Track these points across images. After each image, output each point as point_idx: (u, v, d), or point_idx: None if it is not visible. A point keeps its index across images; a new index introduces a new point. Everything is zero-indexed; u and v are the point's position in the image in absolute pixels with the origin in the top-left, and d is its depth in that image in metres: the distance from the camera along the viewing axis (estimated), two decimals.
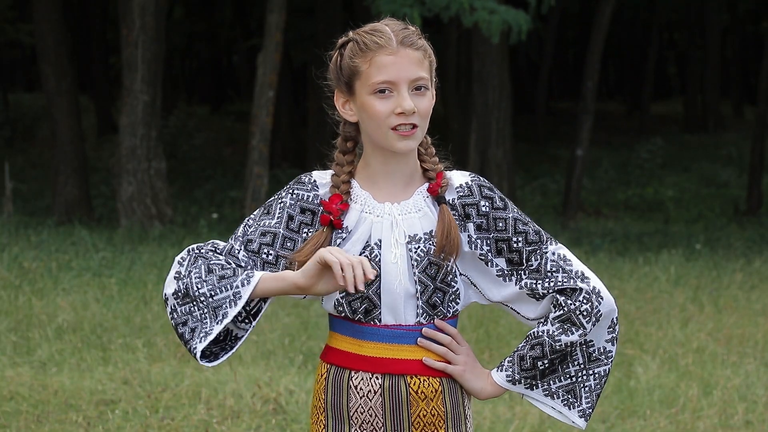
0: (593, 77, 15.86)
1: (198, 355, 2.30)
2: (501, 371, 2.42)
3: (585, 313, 2.37)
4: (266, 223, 2.40)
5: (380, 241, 2.37)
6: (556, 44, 28.43)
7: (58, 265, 9.74)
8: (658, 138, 22.67)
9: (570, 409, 2.42)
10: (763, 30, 27.97)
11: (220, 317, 2.28)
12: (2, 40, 24.76)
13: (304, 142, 19.96)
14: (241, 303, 2.27)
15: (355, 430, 2.39)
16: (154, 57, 13.36)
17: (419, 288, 2.35)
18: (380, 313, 2.36)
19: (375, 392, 2.37)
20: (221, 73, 34.05)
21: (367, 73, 2.34)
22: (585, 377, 2.41)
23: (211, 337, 2.28)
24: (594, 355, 2.41)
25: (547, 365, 2.39)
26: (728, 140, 24.51)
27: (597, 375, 2.42)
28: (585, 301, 2.37)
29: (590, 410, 2.43)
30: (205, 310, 2.31)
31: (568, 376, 2.41)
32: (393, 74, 2.32)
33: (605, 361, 2.42)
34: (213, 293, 2.29)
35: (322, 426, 2.43)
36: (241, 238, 2.39)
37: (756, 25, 30.44)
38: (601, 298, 2.39)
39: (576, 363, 2.41)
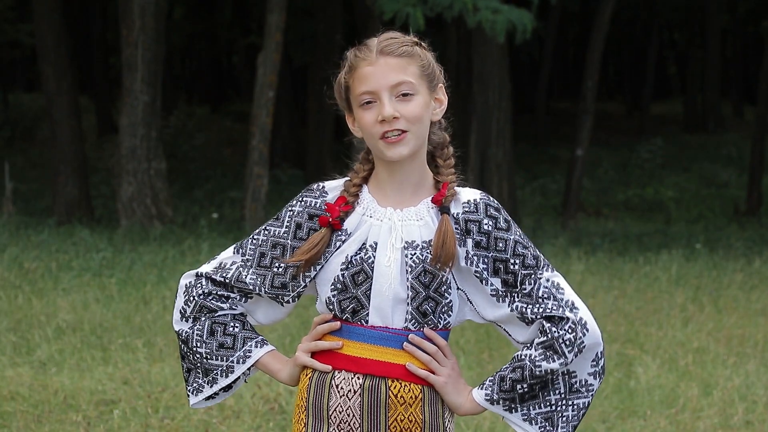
0: (593, 77, 15.86)
1: (190, 404, 2.58)
2: (481, 389, 2.42)
3: (568, 343, 2.36)
4: (277, 233, 2.47)
5: (376, 243, 2.38)
6: (556, 44, 28.43)
7: (58, 265, 9.74)
8: (658, 138, 22.68)
9: None
10: (763, 30, 27.96)
11: (210, 379, 2.51)
12: (2, 40, 24.75)
13: (304, 142, 19.96)
14: (232, 377, 2.49)
15: (333, 429, 2.39)
16: (154, 57, 13.36)
17: (411, 294, 2.36)
18: (367, 314, 2.37)
19: (355, 392, 2.38)
20: (221, 73, 34.05)
21: (354, 86, 2.38)
22: (564, 407, 2.41)
23: (202, 396, 2.53)
24: (575, 386, 2.41)
25: (526, 390, 2.38)
26: (728, 140, 24.52)
27: (576, 407, 2.41)
28: (570, 330, 2.36)
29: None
30: (198, 365, 2.52)
31: (548, 404, 2.40)
32: (372, 84, 2.34)
33: (585, 393, 2.41)
34: (209, 356, 2.50)
35: (303, 425, 2.44)
36: (252, 256, 2.49)
37: (756, 26, 30.44)
38: (587, 330, 2.38)
39: (557, 392, 2.40)
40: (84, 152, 14.94)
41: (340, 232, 2.40)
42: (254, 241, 2.49)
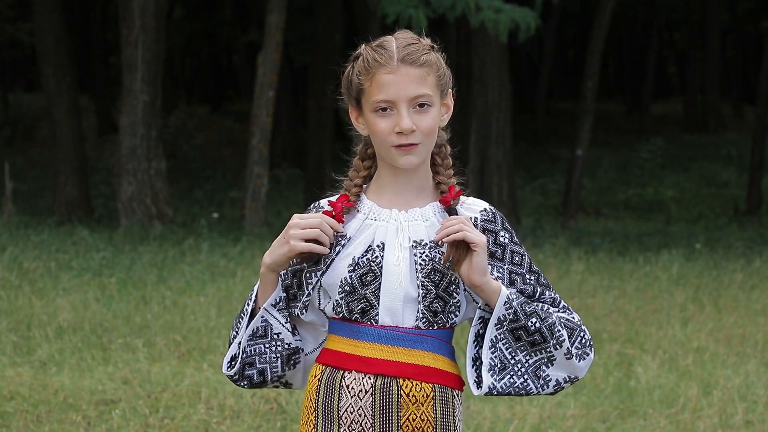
0: (593, 77, 15.86)
1: (225, 367, 2.49)
2: (508, 289, 2.38)
3: (586, 342, 2.41)
4: (291, 263, 2.46)
5: (383, 243, 2.39)
6: (556, 44, 28.42)
7: (58, 265, 9.74)
8: (658, 138, 22.68)
9: (484, 371, 2.37)
10: (763, 30, 27.96)
11: (235, 334, 2.49)
12: (2, 40, 24.75)
13: (304, 142, 19.95)
14: (245, 318, 2.46)
15: (344, 430, 2.39)
16: (154, 57, 13.36)
17: (421, 292, 2.36)
18: (377, 313, 2.37)
19: (366, 392, 2.37)
20: (221, 73, 34.04)
21: (369, 91, 2.35)
22: (522, 372, 2.38)
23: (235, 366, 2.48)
24: (542, 374, 2.39)
25: (534, 329, 2.35)
26: (728, 140, 24.52)
27: (529, 385, 2.39)
28: (588, 339, 2.43)
29: (493, 389, 2.36)
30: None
31: (512, 355, 2.37)
32: (392, 93, 2.32)
33: (545, 385, 2.39)
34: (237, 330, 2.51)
35: (312, 426, 2.43)
36: (285, 297, 2.49)
37: (756, 25, 30.44)
38: (591, 352, 2.43)
39: (528, 354, 2.37)
40: (84, 152, 14.95)
41: (340, 237, 2.40)
42: (280, 281, 2.48)
